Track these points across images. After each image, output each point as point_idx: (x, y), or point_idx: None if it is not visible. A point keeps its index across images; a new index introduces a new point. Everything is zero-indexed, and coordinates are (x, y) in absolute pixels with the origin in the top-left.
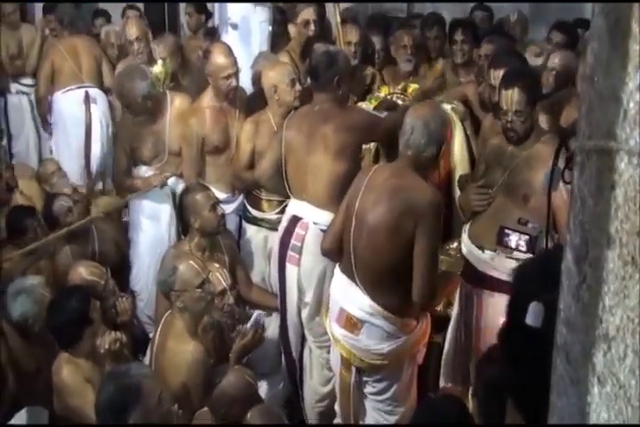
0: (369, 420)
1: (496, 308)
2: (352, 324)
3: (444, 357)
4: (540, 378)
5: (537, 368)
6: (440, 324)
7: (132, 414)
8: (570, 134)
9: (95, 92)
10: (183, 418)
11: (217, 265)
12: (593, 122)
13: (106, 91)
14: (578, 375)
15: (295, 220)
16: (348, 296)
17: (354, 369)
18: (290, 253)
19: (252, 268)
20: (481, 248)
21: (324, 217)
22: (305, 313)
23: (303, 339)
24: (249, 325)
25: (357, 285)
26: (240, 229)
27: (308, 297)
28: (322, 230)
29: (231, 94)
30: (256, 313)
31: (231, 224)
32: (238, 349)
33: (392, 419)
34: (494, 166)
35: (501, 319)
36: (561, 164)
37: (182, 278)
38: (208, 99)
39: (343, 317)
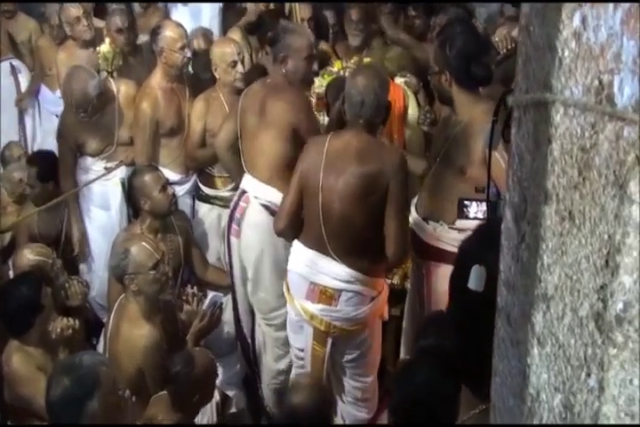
0: (347, 390)
1: (442, 278)
2: (328, 296)
3: (403, 329)
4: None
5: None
6: (398, 297)
7: (88, 404)
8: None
9: (19, 64)
10: (137, 403)
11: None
12: (529, 74)
13: None
14: (518, 337)
15: (242, 193)
16: (320, 270)
17: (329, 342)
18: (233, 225)
19: (207, 247)
20: (425, 220)
21: (266, 192)
22: (249, 288)
23: (254, 315)
24: (205, 306)
25: (331, 256)
26: (193, 209)
27: (250, 273)
28: (262, 205)
29: (184, 69)
30: (212, 294)
31: (185, 205)
32: (196, 331)
33: (368, 380)
34: (438, 136)
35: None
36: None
37: (135, 261)
38: (157, 79)
39: (316, 292)
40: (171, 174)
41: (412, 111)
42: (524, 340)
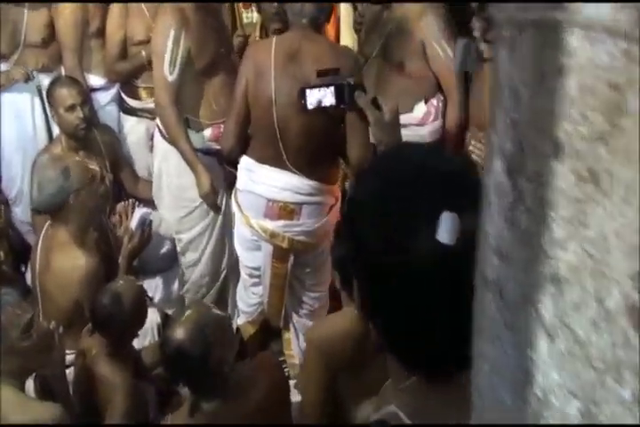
0: (305, 301)
1: None
2: (289, 211)
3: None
4: None
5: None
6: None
7: None
8: None
9: None
10: (70, 335)
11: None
12: None
13: None
14: (516, 321)
15: None
16: (279, 185)
17: (291, 258)
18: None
19: (137, 162)
20: None
21: None
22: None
23: None
24: (134, 225)
25: (289, 169)
26: (119, 121)
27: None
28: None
29: None
30: (141, 212)
31: (110, 116)
32: (127, 252)
33: (326, 287)
34: (371, 33)
35: None
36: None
37: (77, 177)
38: None
39: (275, 209)
40: (95, 79)
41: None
42: (525, 327)
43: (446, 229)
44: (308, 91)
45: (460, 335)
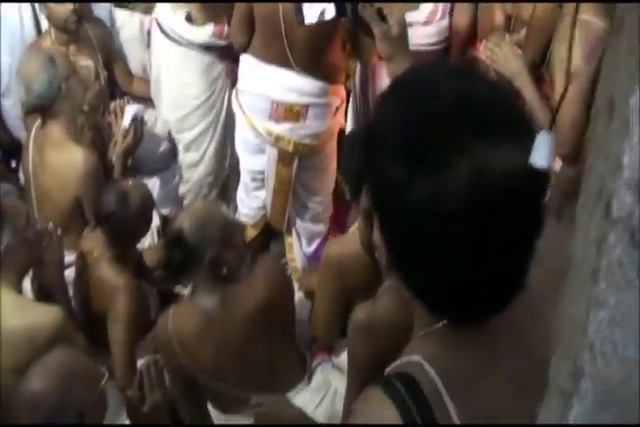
0: (309, 206)
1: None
2: (295, 113)
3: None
4: None
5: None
6: None
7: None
8: None
9: None
10: (68, 235)
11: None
12: None
13: None
14: None
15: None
16: (285, 86)
17: (295, 162)
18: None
19: (131, 58)
20: None
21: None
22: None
23: None
24: (127, 123)
25: (295, 69)
26: (111, 16)
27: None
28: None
29: None
30: (133, 109)
31: (102, 10)
32: (121, 151)
33: (330, 191)
34: None
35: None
36: None
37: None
38: None
39: (280, 110)
40: None
41: None
42: None
43: (542, 152)
44: (305, 6)
45: (488, 277)
